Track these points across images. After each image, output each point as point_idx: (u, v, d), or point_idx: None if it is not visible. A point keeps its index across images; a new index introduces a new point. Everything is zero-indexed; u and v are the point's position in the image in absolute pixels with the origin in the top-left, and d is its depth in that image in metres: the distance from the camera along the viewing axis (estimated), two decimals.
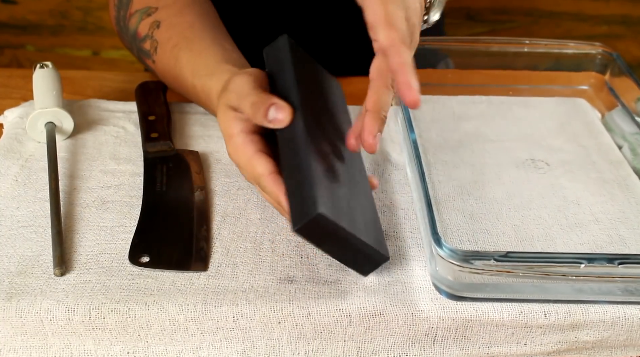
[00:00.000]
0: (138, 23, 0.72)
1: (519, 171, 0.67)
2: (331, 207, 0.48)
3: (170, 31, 0.69)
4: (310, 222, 0.47)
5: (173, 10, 0.71)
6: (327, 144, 0.54)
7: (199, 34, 0.68)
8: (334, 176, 0.52)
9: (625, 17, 1.76)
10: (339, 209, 0.49)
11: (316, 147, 0.52)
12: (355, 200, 0.53)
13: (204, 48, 0.66)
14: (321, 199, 0.47)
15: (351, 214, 0.51)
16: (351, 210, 0.51)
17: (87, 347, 0.52)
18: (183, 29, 0.69)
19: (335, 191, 0.51)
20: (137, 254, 0.55)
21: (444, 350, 0.54)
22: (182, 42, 0.68)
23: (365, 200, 0.55)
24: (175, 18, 0.70)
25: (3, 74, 0.82)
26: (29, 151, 0.66)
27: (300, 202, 0.48)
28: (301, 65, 0.58)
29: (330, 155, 0.54)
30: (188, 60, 0.66)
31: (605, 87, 0.78)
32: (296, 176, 0.50)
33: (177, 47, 0.68)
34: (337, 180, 0.52)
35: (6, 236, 0.57)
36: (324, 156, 0.52)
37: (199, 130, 0.72)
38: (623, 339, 0.54)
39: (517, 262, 0.50)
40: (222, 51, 0.66)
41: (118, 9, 0.74)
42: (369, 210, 0.55)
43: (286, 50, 0.57)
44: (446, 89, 0.80)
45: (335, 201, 0.49)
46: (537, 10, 1.74)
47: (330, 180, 0.51)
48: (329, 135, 0.56)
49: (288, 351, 0.53)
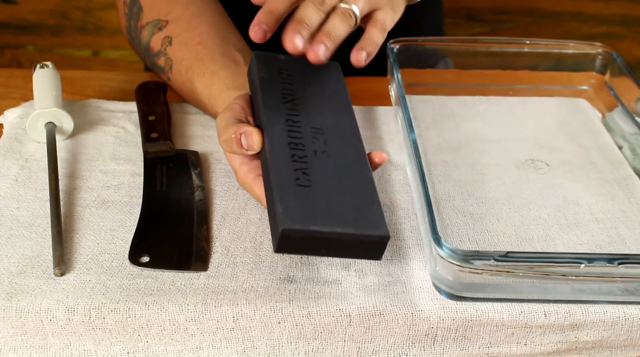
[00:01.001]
0: (150, 36, 0.73)
1: (519, 171, 0.67)
2: (298, 216, 0.49)
3: (183, 50, 0.70)
4: (282, 239, 0.48)
5: (183, 24, 0.71)
6: (308, 147, 0.55)
7: (210, 52, 0.69)
8: (312, 179, 0.52)
9: (625, 17, 1.76)
10: (312, 213, 0.49)
11: (286, 159, 0.54)
12: (341, 190, 0.53)
13: (215, 70, 0.68)
14: (285, 213, 0.49)
15: (331, 211, 0.50)
16: (332, 206, 0.51)
17: (87, 347, 0.52)
18: (195, 47, 0.70)
19: (309, 196, 0.51)
20: (137, 254, 0.55)
21: (444, 350, 0.54)
22: (195, 64, 0.69)
23: (359, 184, 0.54)
24: (186, 33, 0.71)
25: (3, 74, 0.82)
26: (29, 151, 0.66)
27: (273, 223, 0.51)
28: (275, 78, 0.61)
29: (309, 159, 0.54)
30: (204, 88, 0.68)
31: (605, 87, 0.78)
32: (269, 196, 0.53)
33: (191, 70, 0.69)
34: (316, 181, 0.52)
35: (6, 236, 0.57)
36: (298, 162, 0.53)
37: (199, 130, 0.72)
38: (623, 339, 0.54)
39: (517, 262, 0.50)
40: (231, 71, 0.68)
41: (129, 19, 0.75)
42: (362, 193, 0.53)
43: (256, 71, 0.61)
44: (446, 89, 0.80)
45: (306, 207, 0.50)
46: (538, 10, 1.74)
47: (303, 185, 0.52)
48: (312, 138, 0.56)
49: (288, 351, 0.53)
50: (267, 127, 0.56)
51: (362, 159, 0.57)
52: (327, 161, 0.55)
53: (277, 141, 0.55)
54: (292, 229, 0.48)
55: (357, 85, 0.73)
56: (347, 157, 0.56)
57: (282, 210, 0.49)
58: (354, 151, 0.57)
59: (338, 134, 0.58)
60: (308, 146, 0.56)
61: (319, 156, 0.55)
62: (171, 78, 0.72)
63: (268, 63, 0.62)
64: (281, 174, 0.52)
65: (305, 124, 0.58)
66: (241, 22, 0.77)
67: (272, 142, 0.55)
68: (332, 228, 0.49)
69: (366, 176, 0.55)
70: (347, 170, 0.55)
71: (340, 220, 0.50)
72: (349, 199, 0.52)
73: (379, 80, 0.81)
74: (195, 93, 0.70)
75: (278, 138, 0.55)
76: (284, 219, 0.48)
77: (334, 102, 0.61)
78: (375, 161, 0.58)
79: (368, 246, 0.51)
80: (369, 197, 0.53)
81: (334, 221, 0.50)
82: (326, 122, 0.59)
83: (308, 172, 0.53)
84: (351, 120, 0.60)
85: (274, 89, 0.60)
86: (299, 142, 0.56)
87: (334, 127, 0.58)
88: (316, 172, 0.53)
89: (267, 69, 0.61)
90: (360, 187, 0.54)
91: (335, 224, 0.49)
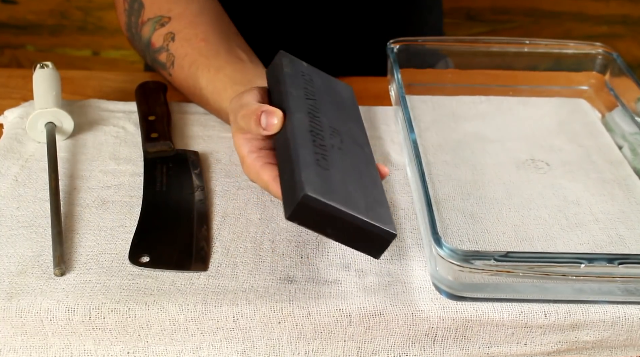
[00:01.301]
0: (152, 32, 0.72)
1: (519, 171, 0.67)
2: (320, 188, 0.48)
3: (185, 47, 0.70)
4: (299, 205, 0.48)
5: (186, 21, 0.71)
6: (327, 139, 0.55)
7: (214, 49, 0.69)
8: (330, 164, 0.52)
9: (625, 17, 1.76)
10: (331, 190, 0.49)
11: (308, 141, 0.53)
12: (355, 184, 0.53)
13: (220, 66, 0.68)
14: (307, 181, 0.48)
15: (347, 195, 0.50)
16: (348, 192, 0.51)
17: (87, 347, 0.52)
18: (198, 43, 0.70)
19: (328, 176, 0.51)
20: (137, 254, 0.55)
21: (444, 350, 0.54)
22: (198, 60, 0.69)
23: (370, 185, 0.55)
24: (189, 30, 0.71)
25: (3, 74, 0.82)
26: (29, 151, 0.66)
27: (290, 190, 0.50)
28: (299, 77, 0.60)
29: (328, 149, 0.54)
30: (207, 83, 0.68)
31: (605, 87, 0.78)
32: (287, 168, 0.51)
33: (195, 66, 0.69)
34: (334, 167, 0.52)
35: (6, 236, 0.57)
36: (318, 148, 0.53)
37: (199, 130, 0.72)
38: (623, 339, 0.54)
39: (517, 262, 0.50)
40: (236, 67, 0.68)
41: (129, 15, 0.75)
42: (373, 193, 0.54)
43: (281, 66, 0.60)
44: (446, 89, 0.80)
45: (326, 183, 0.50)
46: (538, 10, 1.74)
47: (323, 167, 0.51)
48: (330, 133, 0.56)
49: (288, 351, 0.53)
50: (290, 113, 0.55)
51: (373, 166, 0.57)
52: (343, 157, 0.55)
53: (300, 125, 0.54)
54: (312, 197, 0.47)
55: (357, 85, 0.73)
56: (360, 160, 0.57)
57: (305, 178, 0.49)
58: (366, 158, 0.58)
59: (352, 140, 0.58)
60: (327, 139, 0.55)
61: (336, 151, 0.55)
62: (172, 74, 0.72)
63: (293, 62, 0.62)
64: (304, 149, 0.52)
65: (324, 121, 0.57)
66: (241, 23, 0.77)
67: (295, 124, 0.54)
68: (348, 209, 0.49)
69: (376, 180, 0.56)
70: (360, 171, 0.55)
71: (355, 205, 0.50)
72: (362, 192, 0.52)
73: (379, 80, 0.81)
74: (198, 88, 0.69)
75: (301, 122, 0.55)
76: (307, 187, 0.48)
77: (348, 115, 0.62)
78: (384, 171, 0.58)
79: (375, 238, 0.51)
80: (379, 198, 0.54)
81: (350, 204, 0.50)
82: (342, 128, 0.59)
83: (327, 158, 0.53)
84: (363, 133, 0.60)
85: (298, 84, 0.59)
86: (319, 133, 0.55)
87: (349, 133, 0.58)
88: (334, 161, 0.53)
89: (292, 66, 0.61)
90: (372, 187, 0.54)
91: (351, 207, 0.49)
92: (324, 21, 0.92)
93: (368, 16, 0.93)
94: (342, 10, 0.92)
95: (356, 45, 0.95)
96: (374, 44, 0.87)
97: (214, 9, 0.74)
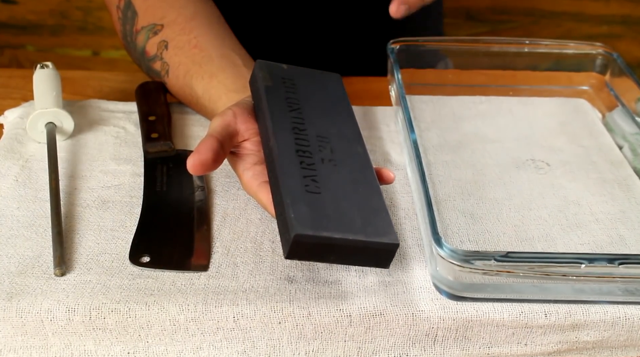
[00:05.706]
0: (145, 41, 0.72)
1: (519, 171, 0.67)
2: (310, 221, 0.48)
3: (179, 55, 0.70)
4: (294, 245, 0.48)
5: (178, 28, 0.71)
6: (315, 155, 0.55)
7: (207, 55, 0.69)
8: (321, 186, 0.52)
9: (625, 17, 1.76)
10: (324, 219, 0.49)
11: (295, 166, 0.53)
12: (350, 198, 0.53)
13: (213, 72, 0.67)
14: (297, 218, 0.48)
15: (341, 217, 0.50)
16: (342, 213, 0.51)
17: (88, 347, 0.52)
18: (191, 50, 0.69)
19: (320, 201, 0.51)
20: (138, 254, 0.55)
21: (445, 350, 0.54)
22: (192, 69, 0.69)
23: (366, 192, 0.54)
24: (182, 37, 0.70)
25: (3, 74, 0.82)
26: (30, 151, 0.66)
27: (283, 228, 0.50)
28: (279, 88, 0.60)
29: (317, 167, 0.54)
30: (203, 92, 0.68)
31: (605, 87, 0.78)
32: (278, 199, 0.52)
33: (189, 75, 0.69)
34: (325, 188, 0.52)
35: (6, 236, 0.57)
36: (307, 169, 0.53)
37: (199, 130, 0.72)
38: (624, 339, 0.54)
39: (517, 263, 0.50)
40: (230, 73, 0.67)
41: (123, 24, 0.75)
42: (370, 201, 0.54)
43: (260, 80, 0.60)
44: (446, 89, 0.80)
45: (318, 211, 0.50)
46: (538, 10, 1.74)
47: (313, 192, 0.51)
48: (319, 146, 0.56)
49: (288, 351, 0.53)
50: (274, 135, 0.55)
51: (368, 167, 0.57)
52: (335, 169, 0.55)
53: (285, 148, 0.54)
54: (304, 234, 0.47)
55: (357, 85, 0.73)
56: (354, 166, 0.56)
57: (294, 215, 0.48)
58: (360, 160, 0.57)
59: (343, 143, 0.57)
60: (315, 154, 0.55)
61: (326, 164, 0.55)
62: (168, 82, 0.72)
63: (271, 72, 0.62)
64: (291, 180, 0.52)
65: (311, 133, 0.57)
66: (240, 23, 0.77)
67: (280, 148, 0.54)
68: (343, 235, 0.49)
69: (373, 185, 0.55)
70: (355, 179, 0.55)
71: (350, 227, 0.50)
72: (357, 206, 0.52)
73: (379, 80, 0.81)
74: (195, 97, 0.69)
75: (285, 145, 0.55)
76: (296, 225, 0.48)
77: (337, 112, 0.61)
78: (384, 179, 0.58)
79: (377, 253, 0.51)
80: (377, 205, 0.53)
81: (344, 227, 0.49)
82: (331, 131, 0.59)
83: (317, 179, 0.53)
84: (355, 129, 0.60)
85: (278, 97, 0.59)
86: (306, 149, 0.55)
87: (338, 136, 0.58)
88: (324, 179, 0.53)
89: (270, 77, 0.61)
90: (368, 195, 0.54)
91: (346, 231, 0.49)
92: (324, 21, 0.92)
93: (368, 16, 0.93)
94: (342, 10, 0.92)
95: (356, 45, 0.95)
96: (374, 44, 0.87)
97: (208, 11, 0.74)
